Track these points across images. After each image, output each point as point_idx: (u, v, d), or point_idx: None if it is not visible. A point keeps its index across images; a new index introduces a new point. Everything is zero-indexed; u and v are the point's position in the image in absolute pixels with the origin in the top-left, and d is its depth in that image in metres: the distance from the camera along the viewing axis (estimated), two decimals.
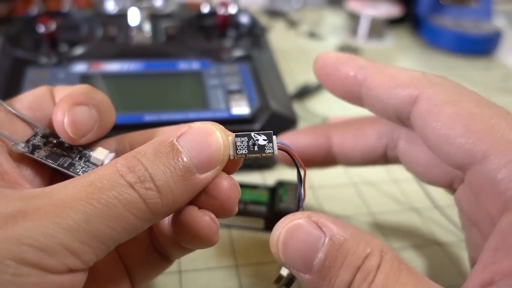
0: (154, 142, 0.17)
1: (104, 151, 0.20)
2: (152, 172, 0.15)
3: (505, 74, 0.59)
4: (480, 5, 0.68)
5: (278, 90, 0.39)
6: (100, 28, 0.44)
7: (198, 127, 0.17)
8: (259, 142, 0.18)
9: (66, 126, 0.18)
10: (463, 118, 0.16)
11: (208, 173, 0.17)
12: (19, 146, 0.19)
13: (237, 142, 0.18)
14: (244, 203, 0.30)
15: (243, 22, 0.48)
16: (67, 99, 0.19)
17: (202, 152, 0.16)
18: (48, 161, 0.19)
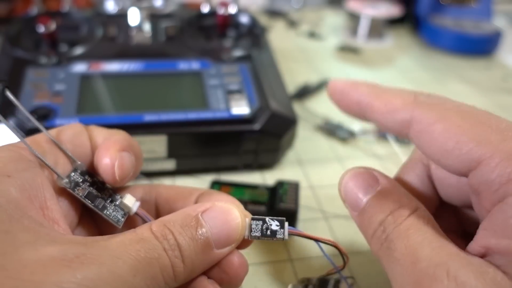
0: (182, 213, 0.19)
1: (132, 198, 0.21)
2: (180, 242, 0.17)
3: (505, 74, 0.59)
4: (480, 5, 0.68)
5: (278, 90, 0.39)
6: (100, 28, 0.44)
7: (222, 206, 0.19)
8: (272, 227, 0.20)
9: (116, 169, 0.20)
10: (452, 132, 0.18)
11: (224, 249, 0.19)
12: (63, 181, 0.19)
13: (252, 225, 0.20)
14: (244, 203, 0.30)
15: (243, 22, 0.48)
16: (114, 144, 0.21)
17: (222, 230, 0.18)
18: (86, 201, 0.20)
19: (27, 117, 0.32)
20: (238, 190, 0.31)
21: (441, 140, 0.18)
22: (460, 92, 0.53)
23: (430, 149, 0.19)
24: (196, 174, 0.36)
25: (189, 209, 0.19)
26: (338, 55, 0.62)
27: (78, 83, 0.36)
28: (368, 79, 0.56)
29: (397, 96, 0.21)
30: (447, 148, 0.18)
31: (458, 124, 0.18)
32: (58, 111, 0.33)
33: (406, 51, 0.64)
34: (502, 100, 0.52)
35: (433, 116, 0.19)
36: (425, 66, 0.59)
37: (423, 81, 0.55)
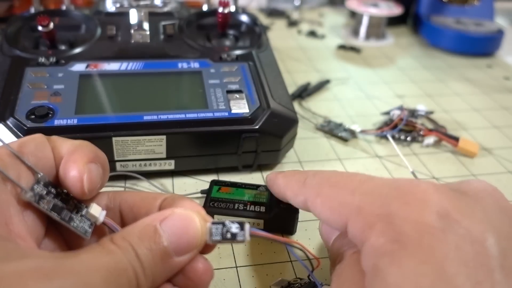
0: (140, 224, 0.19)
1: (98, 208, 0.21)
2: (139, 253, 0.18)
3: (507, 73, 0.58)
4: (481, 4, 0.68)
5: (278, 90, 0.39)
6: (99, 27, 0.43)
7: (180, 214, 0.19)
8: (232, 230, 0.20)
9: (84, 182, 0.20)
10: (326, 203, 0.22)
11: (185, 256, 0.19)
12: (27, 194, 0.19)
13: (213, 229, 0.20)
14: (244, 204, 0.30)
15: (243, 21, 0.48)
16: (81, 156, 0.21)
17: (181, 238, 0.19)
18: (52, 213, 0.19)
19: (25, 118, 0.32)
20: (238, 190, 0.31)
21: (323, 210, 0.22)
22: (461, 92, 0.53)
23: (320, 216, 0.23)
24: (196, 174, 0.36)
25: (148, 219, 0.19)
26: (339, 54, 0.61)
27: (77, 82, 0.36)
28: (368, 78, 0.56)
29: (295, 183, 0.25)
30: (327, 214, 0.22)
31: (328, 195, 0.22)
32: (57, 111, 0.33)
33: (407, 50, 0.64)
34: (504, 99, 0.52)
35: (314, 193, 0.23)
36: (426, 66, 0.59)
37: (424, 81, 0.55)
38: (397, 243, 0.18)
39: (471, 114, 0.48)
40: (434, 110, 0.47)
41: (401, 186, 0.20)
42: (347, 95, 0.50)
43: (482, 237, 0.18)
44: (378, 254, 0.19)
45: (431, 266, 0.17)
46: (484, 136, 0.44)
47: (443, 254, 0.18)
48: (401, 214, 0.19)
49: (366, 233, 0.19)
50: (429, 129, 0.43)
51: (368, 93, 0.51)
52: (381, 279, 0.18)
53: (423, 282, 0.17)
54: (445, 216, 0.19)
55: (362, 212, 0.20)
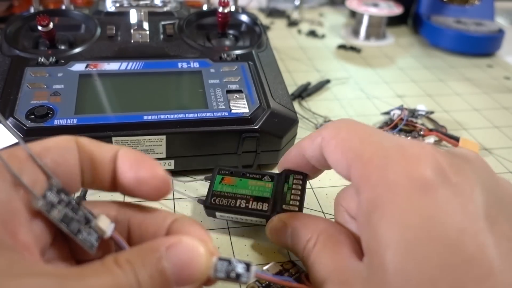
0: (145, 247, 0.19)
1: (107, 220, 0.20)
2: (140, 279, 0.17)
3: (507, 73, 0.58)
4: (482, 4, 0.68)
5: (278, 89, 0.39)
6: (98, 27, 0.43)
7: (186, 244, 0.19)
8: (237, 270, 0.19)
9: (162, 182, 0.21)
10: (339, 146, 0.23)
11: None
12: (39, 203, 0.18)
13: (218, 265, 0.19)
14: (246, 200, 0.28)
15: (243, 20, 0.48)
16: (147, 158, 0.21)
17: (184, 270, 0.18)
18: (61, 224, 0.19)
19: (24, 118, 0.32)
20: (241, 181, 0.29)
21: (334, 151, 0.23)
22: (461, 92, 0.53)
23: (330, 159, 0.23)
24: (196, 174, 0.36)
25: (154, 243, 0.19)
26: (339, 54, 0.61)
27: (77, 82, 0.36)
28: (368, 78, 0.56)
29: (315, 132, 0.26)
30: (337, 157, 0.23)
31: (343, 138, 0.23)
32: (56, 111, 0.33)
33: (407, 50, 0.64)
34: (504, 99, 0.52)
35: (331, 134, 0.23)
36: (426, 65, 0.59)
37: (424, 81, 0.55)
38: (388, 194, 0.20)
39: (471, 114, 0.48)
40: (434, 110, 0.47)
41: (403, 142, 0.22)
42: (347, 95, 0.50)
43: (470, 190, 0.20)
44: (370, 207, 0.20)
45: (418, 218, 0.19)
46: (484, 136, 0.44)
47: (431, 206, 0.19)
48: (397, 166, 0.20)
49: (363, 182, 0.21)
50: (429, 129, 0.43)
51: (368, 93, 0.51)
52: (372, 233, 0.20)
53: (409, 235, 0.19)
54: (439, 172, 0.20)
55: (362, 160, 0.21)
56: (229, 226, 0.31)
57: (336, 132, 0.23)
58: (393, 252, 0.19)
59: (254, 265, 0.19)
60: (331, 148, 0.23)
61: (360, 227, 0.21)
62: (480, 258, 0.18)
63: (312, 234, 0.24)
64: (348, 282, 0.21)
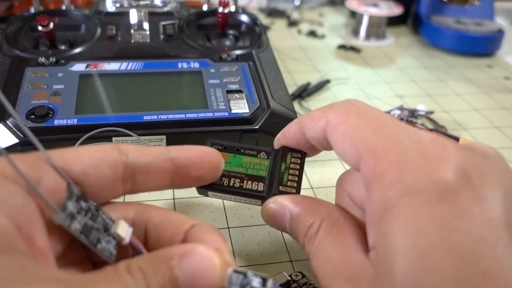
0: (158, 255, 0.18)
1: (125, 226, 0.20)
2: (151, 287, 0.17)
3: (507, 73, 0.58)
4: (482, 4, 0.68)
5: (278, 89, 0.39)
6: (98, 27, 0.43)
7: (201, 254, 0.18)
8: (253, 284, 0.18)
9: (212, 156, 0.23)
10: (348, 132, 0.21)
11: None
12: (60, 217, 0.18)
13: (233, 277, 0.19)
14: (241, 179, 0.26)
15: (243, 21, 0.48)
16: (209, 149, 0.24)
17: (197, 281, 0.18)
18: (81, 236, 0.18)
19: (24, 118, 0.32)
20: (236, 158, 0.27)
21: (342, 139, 0.21)
22: (461, 92, 0.53)
23: (336, 146, 0.22)
24: None
25: (167, 251, 0.18)
26: (339, 54, 0.61)
27: (77, 82, 0.36)
28: (368, 78, 0.56)
29: (318, 109, 0.24)
30: (345, 145, 0.21)
31: (353, 125, 0.21)
32: (57, 111, 0.33)
33: (407, 50, 0.64)
34: (504, 99, 0.52)
35: (338, 118, 0.22)
36: (426, 65, 0.59)
37: (424, 81, 0.55)
38: (404, 198, 0.18)
39: (471, 114, 0.48)
40: (434, 110, 0.47)
41: (422, 138, 0.20)
42: (347, 95, 0.50)
43: (492, 196, 0.18)
44: (383, 208, 0.19)
45: (434, 225, 0.17)
46: (484, 136, 0.44)
47: (449, 213, 0.18)
48: (415, 166, 0.19)
49: (375, 179, 0.19)
50: (429, 129, 0.43)
51: (368, 93, 0.51)
52: (383, 236, 0.19)
53: (423, 243, 0.17)
54: (462, 174, 0.18)
55: (376, 154, 0.19)
56: (229, 226, 0.31)
57: (344, 117, 0.22)
58: (404, 261, 0.18)
59: (270, 279, 0.19)
60: (338, 134, 0.22)
61: (369, 224, 0.20)
62: (497, 270, 0.17)
63: (314, 219, 0.23)
64: (354, 279, 0.20)
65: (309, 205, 0.24)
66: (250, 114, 0.35)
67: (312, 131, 0.24)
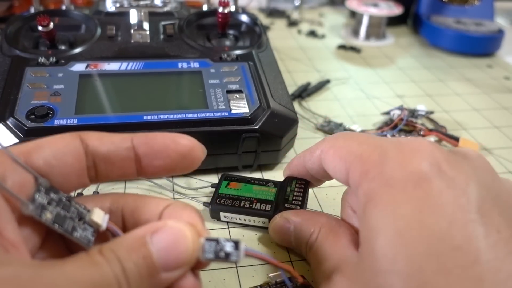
0: (130, 236, 0.18)
1: (101, 213, 0.20)
2: (125, 267, 0.17)
3: (507, 73, 0.58)
4: (482, 4, 0.68)
5: (278, 90, 0.39)
6: (98, 27, 0.43)
7: (171, 227, 0.18)
8: (226, 249, 0.19)
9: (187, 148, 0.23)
10: (336, 154, 0.24)
11: (174, 273, 0.18)
12: (29, 208, 0.18)
13: (206, 246, 0.19)
14: (250, 202, 0.30)
15: (243, 21, 0.48)
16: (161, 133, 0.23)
17: (170, 254, 0.18)
18: (54, 226, 0.18)
19: (24, 118, 0.32)
20: (246, 186, 0.31)
21: (333, 159, 0.24)
22: (461, 92, 0.53)
23: (329, 168, 0.25)
24: (196, 174, 0.36)
25: (139, 231, 0.18)
26: (339, 54, 0.61)
27: (77, 82, 0.36)
28: (368, 78, 0.56)
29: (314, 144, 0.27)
30: (335, 163, 0.24)
31: (340, 146, 0.24)
32: (57, 111, 0.33)
33: (407, 50, 0.64)
34: (504, 99, 0.52)
35: (329, 145, 0.25)
36: (426, 65, 0.59)
37: (424, 81, 0.55)
38: (384, 188, 0.21)
39: (471, 114, 0.48)
40: (434, 110, 0.47)
41: (401, 140, 0.23)
42: (347, 95, 0.50)
43: (465, 184, 0.20)
44: (366, 199, 0.21)
45: (410, 208, 0.20)
46: (484, 136, 0.44)
47: (424, 198, 0.20)
48: (394, 161, 0.21)
49: (361, 178, 0.22)
50: (429, 129, 0.43)
51: (368, 93, 0.51)
52: (365, 223, 0.21)
53: (400, 223, 0.19)
54: (435, 165, 0.21)
55: (362, 159, 0.22)
56: (229, 227, 0.31)
57: (333, 142, 0.25)
58: (383, 238, 0.20)
59: (242, 242, 0.19)
60: (329, 157, 0.24)
61: (358, 220, 0.22)
62: (468, 247, 0.19)
63: (314, 228, 0.25)
64: (340, 267, 0.22)
65: (310, 216, 0.27)
66: (250, 114, 0.35)
67: (310, 163, 0.27)
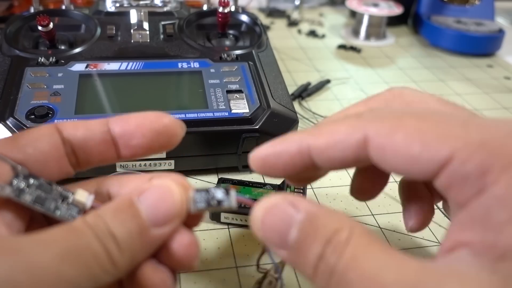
0: (116, 200, 0.18)
1: (84, 193, 0.20)
2: (112, 228, 0.17)
3: (508, 73, 0.58)
4: (482, 4, 0.68)
5: (278, 89, 0.39)
6: (98, 27, 0.43)
7: (157, 185, 0.18)
8: (218, 196, 0.19)
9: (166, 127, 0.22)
10: (415, 136, 0.17)
11: (165, 228, 0.18)
12: (6, 190, 0.18)
13: (196, 196, 0.19)
14: None
15: (243, 20, 0.48)
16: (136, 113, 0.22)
17: (158, 208, 0.18)
18: (35, 205, 0.18)
19: (24, 118, 0.32)
20: (244, 189, 0.32)
21: (405, 147, 0.17)
22: (461, 92, 0.53)
23: (395, 160, 0.17)
24: (196, 174, 0.36)
25: (125, 195, 0.18)
26: (339, 54, 0.61)
27: (77, 82, 0.36)
28: (368, 78, 0.56)
29: (338, 123, 0.19)
30: (413, 153, 0.17)
31: (417, 126, 0.17)
32: (57, 111, 0.33)
33: (407, 50, 0.64)
34: (504, 99, 0.52)
35: (389, 126, 0.17)
36: (426, 65, 0.59)
37: (424, 80, 0.55)
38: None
39: None
40: None
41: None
42: (347, 95, 0.50)
43: None
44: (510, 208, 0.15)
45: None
46: None
47: None
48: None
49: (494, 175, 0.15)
50: None
51: (369, 93, 0.51)
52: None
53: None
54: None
55: (487, 147, 0.16)
56: (229, 227, 0.31)
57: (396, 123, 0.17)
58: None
59: (233, 189, 0.19)
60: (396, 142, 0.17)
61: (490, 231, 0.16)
62: None
63: (341, 225, 0.17)
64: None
65: (330, 210, 0.18)
66: (250, 114, 0.35)
67: (334, 151, 0.19)
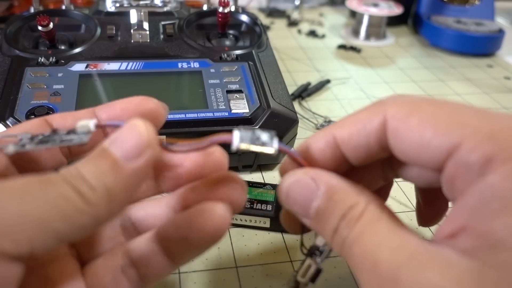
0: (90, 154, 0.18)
1: (85, 121, 0.20)
2: (82, 171, 0.16)
3: (508, 73, 0.58)
4: (482, 4, 0.68)
5: (278, 89, 0.39)
6: (98, 27, 0.43)
7: (125, 125, 0.18)
8: (263, 138, 0.19)
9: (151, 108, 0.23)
10: (428, 122, 0.17)
11: (138, 161, 0.17)
12: (9, 148, 0.18)
13: (242, 135, 0.19)
14: (251, 202, 0.30)
15: (243, 20, 0.48)
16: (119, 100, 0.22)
17: (126, 142, 0.17)
18: (42, 145, 0.18)
19: (24, 118, 0.32)
20: None
21: (419, 132, 0.17)
22: (461, 92, 0.53)
23: (407, 144, 0.18)
24: None
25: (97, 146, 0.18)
26: (339, 54, 0.61)
27: (77, 82, 0.36)
28: (368, 78, 0.56)
29: (360, 111, 0.20)
30: (425, 138, 0.17)
31: (432, 113, 0.17)
32: (57, 111, 0.33)
33: (407, 50, 0.64)
34: (504, 99, 0.52)
35: (406, 110, 0.18)
36: (426, 65, 0.59)
37: (424, 80, 0.55)
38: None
39: None
40: None
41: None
42: (347, 95, 0.50)
43: None
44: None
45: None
46: None
47: None
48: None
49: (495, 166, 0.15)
50: None
51: (369, 93, 0.51)
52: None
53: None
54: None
55: (494, 137, 0.16)
56: (230, 227, 0.31)
57: (412, 108, 0.18)
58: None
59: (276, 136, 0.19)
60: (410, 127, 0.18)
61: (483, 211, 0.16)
62: None
63: (358, 200, 0.18)
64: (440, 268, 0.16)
65: (351, 184, 0.19)
66: (250, 114, 0.35)
67: (357, 138, 0.20)
